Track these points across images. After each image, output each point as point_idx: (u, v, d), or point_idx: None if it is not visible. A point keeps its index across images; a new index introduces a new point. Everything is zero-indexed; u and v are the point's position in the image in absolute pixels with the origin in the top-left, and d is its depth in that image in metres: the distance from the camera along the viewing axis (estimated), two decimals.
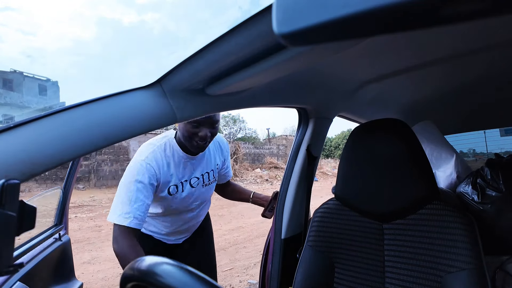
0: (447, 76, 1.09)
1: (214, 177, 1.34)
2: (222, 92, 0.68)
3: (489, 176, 1.22)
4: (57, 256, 1.08)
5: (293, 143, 1.24)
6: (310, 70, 0.86)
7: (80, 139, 0.51)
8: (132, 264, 0.50)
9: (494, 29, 0.71)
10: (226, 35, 0.47)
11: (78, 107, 0.52)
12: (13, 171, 0.44)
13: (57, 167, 0.51)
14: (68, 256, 1.16)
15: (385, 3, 0.15)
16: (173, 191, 1.17)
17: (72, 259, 1.18)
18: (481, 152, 2.24)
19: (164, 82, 0.62)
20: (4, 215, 0.37)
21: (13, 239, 0.40)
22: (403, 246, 0.78)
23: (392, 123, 0.82)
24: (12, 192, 0.38)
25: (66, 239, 1.17)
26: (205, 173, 1.28)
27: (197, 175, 1.25)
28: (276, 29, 0.17)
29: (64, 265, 1.12)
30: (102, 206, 8.22)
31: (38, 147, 0.47)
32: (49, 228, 1.13)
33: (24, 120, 0.48)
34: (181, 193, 1.20)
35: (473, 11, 0.15)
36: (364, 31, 0.18)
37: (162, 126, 0.65)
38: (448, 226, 0.73)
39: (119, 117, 0.56)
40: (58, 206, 1.22)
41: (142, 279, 0.46)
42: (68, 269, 1.14)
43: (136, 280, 0.48)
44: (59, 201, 1.23)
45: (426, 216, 0.77)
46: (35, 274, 0.82)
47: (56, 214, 1.21)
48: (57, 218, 1.20)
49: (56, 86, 22.79)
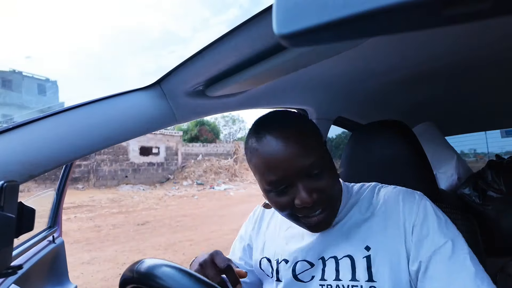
0: (448, 77, 1.09)
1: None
2: (222, 93, 0.68)
3: (490, 177, 1.21)
4: (51, 259, 1.07)
5: None
6: (311, 71, 0.86)
7: (79, 140, 0.50)
8: (132, 266, 0.50)
9: (495, 29, 0.71)
10: (226, 36, 0.47)
11: (77, 108, 0.52)
12: (12, 172, 0.44)
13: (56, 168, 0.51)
14: (62, 258, 1.15)
15: (386, 3, 0.14)
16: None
17: (66, 262, 1.17)
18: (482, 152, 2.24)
19: (163, 83, 0.62)
20: (3, 217, 0.37)
21: (12, 240, 0.39)
22: None
23: (393, 124, 0.82)
24: (11, 193, 0.38)
25: (60, 242, 1.16)
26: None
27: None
28: (276, 30, 0.17)
29: (58, 267, 1.11)
30: (101, 206, 8.22)
31: (37, 148, 0.47)
32: (43, 231, 1.12)
33: (23, 122, 0.48)
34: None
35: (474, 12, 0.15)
36: (365, 32, 0.17)
37: (162, 127, 0.65)
38: None
39: (118, 119, 0.55)
40: (51, 208, 1.20)
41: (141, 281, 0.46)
42: (61, 271, 1.13)
43: (136, 282, 0.48)
44: (52, 203, 1.21)
45: None
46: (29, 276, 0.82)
47: (49, 216, 1.19)
48: (51, 220, 1.19)
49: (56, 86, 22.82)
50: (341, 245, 0.57)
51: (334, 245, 0.58)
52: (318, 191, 0.52)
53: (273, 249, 0.66)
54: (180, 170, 14.53)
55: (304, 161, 0.50)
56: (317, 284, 0.57)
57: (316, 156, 0.52)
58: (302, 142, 0.51)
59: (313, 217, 0.53)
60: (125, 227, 6.11)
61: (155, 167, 13.86)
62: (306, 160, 0.50)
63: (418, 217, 0.53)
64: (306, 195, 0.50)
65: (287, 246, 0.63)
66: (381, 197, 0.59)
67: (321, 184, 0.52)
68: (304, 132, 0.54)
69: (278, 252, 0.64)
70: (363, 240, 0.55)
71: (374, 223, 0.56)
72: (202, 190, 12.11)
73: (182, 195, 10.85)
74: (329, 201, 0.54)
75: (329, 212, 0.55)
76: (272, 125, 0.54)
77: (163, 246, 4.74)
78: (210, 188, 12.68)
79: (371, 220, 0.57)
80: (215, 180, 14.04)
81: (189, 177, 13.88)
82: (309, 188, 0.51)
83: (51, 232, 1.13)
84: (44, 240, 1.07)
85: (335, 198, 0.56)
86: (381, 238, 0.54)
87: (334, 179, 0.55)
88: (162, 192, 11.35)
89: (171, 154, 14.54)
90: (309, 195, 0.51)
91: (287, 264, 0.61)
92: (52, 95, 22.25)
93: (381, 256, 0.53)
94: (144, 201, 9.37)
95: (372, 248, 0.54)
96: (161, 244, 4.87)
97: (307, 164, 0.50)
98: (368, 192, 0.61)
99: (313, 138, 0.54)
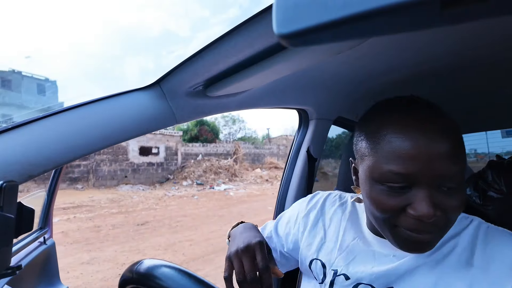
0: (448, 77, 1.09)
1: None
2: (222, 93, 0.68)
3: (491, 177, 1.21)
4: (42, 260, 1.07)
5: (292, 144, 1.24)
6: (311, 71, 0.85)
7: (78, 140, 0.50)
8: (131, 267, 0.50)
9: (495, 29, 0.71)
10: (225, 35, 0.47)
11: (77, 108, 0.52)
12: (11, 173, 0.44)
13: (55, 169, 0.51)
14: (53, 260, 1.14)
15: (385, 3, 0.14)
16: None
17: (57, 263, 1.16)
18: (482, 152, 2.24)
19: (163, 83, 0.62)
20: (2, 217, 0.36)
21: (11, 241, 0.39)
22: None
23: None
24: (10, 193, 0.38)
25: (51, 243, 1.15)
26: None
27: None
28: (276, 30, 0.17)
29: (49, 269, 1.11)
30: (101, 206, 8.22)
31: (37, 148, 0.47)
32: (34, 232, 1.11)
33: (22, 122, 0.48)
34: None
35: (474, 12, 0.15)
36: (364, 32, 0.17)
37: (162, 127, 0.64)
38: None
39: (118, 119, 0.55)
40: (42, 209, 1.18)
41: (140, 281, 0.46)
42: (53, 273, 1.12)
43: (135, 282, 0.48)
44: (43, 204, 1.19)
45: None
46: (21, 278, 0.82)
47: (40, 217, 1.18)
48: (42, 222, 1.17)
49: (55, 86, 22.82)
50: (422, 283, 0.46)
51: (411, 280, 0.47)
52: (443, 211, 0.41)
53: (333, 256, 0.56)
54: (179, 170, 14.52)
55: (449, 166, 0.39)
56: None
57: (461, 168, 0.41)
58: (454, 143, 0.40)
59: (422, 234, 0.42)
60: (125, 227, 6.11)
61: (154, 167, 13.85)
62: (452, 166, 0.40)
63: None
64: (429, 208, 0.39)
65: (353, 262, 0.54)
66: (488, 242, 0.46)
67: (451, 203, 0.41)
68: (458, 133, 0.42)
69: (340, 264, 0.55)
70: (451, 285, 0.44)
71: (473, 275, 0.44)
72: (202, 190, 12.10)
73: (182, 195, 10.84)
74: (446, 227, 0.43)
75: (438, 238, 0.44)
76: (429, 105, 0.44)
77: (163, 246, 4.74)
78: (210, 188, 12.67)
79: (470, 270, 0.44)
80: (215, 180, 14.03)
81: (188, 177, 13.87)
82: (436, 201, 0.40)
83: (42, 233, 1.12)
84: (35, 241, 1.06)
85: (451, 225, 0.44)
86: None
87: (463, 203, 0.43)
88: (162, 192, 11.34)
89: (170, 154, 14.53)
90: (432, 209, 0.40)
91: (346, 281, 0.52)
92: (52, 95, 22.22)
93: None
94: (143, 201, 9.37)
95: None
96: (161, 244, 4.87)
97: (450, 171, 0.40)
98: (471, 230, 0.49)
99: (463, 145, 0.43)
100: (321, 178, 1.74)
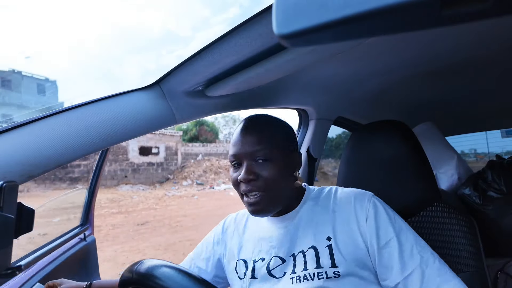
0: (448, 77, 1.09)
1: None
2: (222, 93, 0.68)
3: (491, 177, 1.21)
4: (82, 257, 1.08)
5: None
6: (311, 71, 0.85)
7: (78, 140, 0.50)
8: (131, 267, 0.50)
9: (495, 29, 0.71)
10: (225, 35, 0.47)
11: (77, 108, 0.52)
12: (11, 173, 0.44)
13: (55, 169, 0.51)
14: (93, 256, 1.15)
15: (385, 3, 0.14)
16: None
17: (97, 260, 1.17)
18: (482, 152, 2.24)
19: (163, 83, 0.62)
20: (2, 217, 0.36)
21: (11, 241, 0.39)
22: None
23: (393, 124, 0.82)
24: (10, 193, 0.38)
25: (91, 240, 1.15)
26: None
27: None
28: (276, 30, 0.17)
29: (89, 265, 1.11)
30: (101, 206, 8.21)
31: (37, 148, 0.47)
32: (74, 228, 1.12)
33: (22, 122, 0.48)
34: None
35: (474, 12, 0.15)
36: (364, 32, 0.17)
37: (162, 127, 0.64)
38: (449, 228, 0.73)
39: (118, 119, 0.55)
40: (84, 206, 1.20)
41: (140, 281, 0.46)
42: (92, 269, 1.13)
43: (135, 283, 0.48)
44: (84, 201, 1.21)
45: (427, 218, 0.77)
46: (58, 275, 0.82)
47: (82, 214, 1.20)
48: (83, 218, 1.19)
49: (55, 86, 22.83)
50: (306, 239, 0.64)
51: (300, 239, 0.65)
52: (257, 175, 0.60)
53: (250, 250, 0.71)
54: (179, 170, 14.53)
55: (253, 146, 0.60)
56: (288, 277, 0.62)
57: (266, 147, 0.61)
58: (257, 132, 0.62)
59: (250, 197, 0.61)
60: (125, 227, 6.11)
61: (154, 167, 13.86)
62: (256, 146, 0.60)
63: (370, 211, 0.61)
64: (245, 174, 0.59)
65: (262, 246, 0.69)
66: (337, 197, 0.67)
67: (262, 170, 0.60)
68: (265, 127, 0.64)
69: (256, 252, 0.69)
70: (324, 233, 0.63)
71: (333, 218, 0.64)
72: (202, 190, 12.11)
73: (182, 195, 10.84)
74: (266, 189, 0.61)
75: (265, 199, 0.61)
76: (249, 117, 0.66)
77: (163, 246, 4.74)
78: (210, 188, 12.68)
79: (330, 215, 0.64)
80: (215, 180, 14.04)
81: (188, 177, 13.88)
82: (251, 169, 0.60)
83: (83, 229, 1.12)
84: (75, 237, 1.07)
85: (274, 189, 0.61)
86: (339, 229, 0.62)
87: (279, 174, 0.61)
88: (162, 192, 11.34)
89: (170, 154, 14.54)
90: (247, 174, 0.59)
91: (263, 262, 0.67)
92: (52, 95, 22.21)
93: (341, 245, 0.60)
94: (143, 201, 9.37)
95: (333, 238, 0.62)
96: (161, 244, 4.87)
97: (253, 149, 0.60)
98: (326, 193, 0.69)
99: (271, 134, 0.63)
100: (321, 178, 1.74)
